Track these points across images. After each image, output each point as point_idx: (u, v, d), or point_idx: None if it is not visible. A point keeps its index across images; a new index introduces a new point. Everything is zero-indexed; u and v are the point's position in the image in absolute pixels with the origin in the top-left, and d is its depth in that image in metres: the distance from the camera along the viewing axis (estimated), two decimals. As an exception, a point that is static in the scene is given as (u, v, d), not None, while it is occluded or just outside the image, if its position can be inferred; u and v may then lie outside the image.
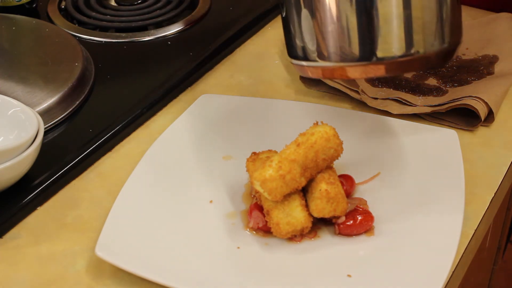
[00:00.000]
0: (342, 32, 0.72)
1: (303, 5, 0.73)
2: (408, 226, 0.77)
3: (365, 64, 0.72)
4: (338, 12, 0.71)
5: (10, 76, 0.94)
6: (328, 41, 0.73)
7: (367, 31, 0.71)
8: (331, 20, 0.72)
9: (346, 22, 0.71)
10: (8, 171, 0.78)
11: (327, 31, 0.72)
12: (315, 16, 0.72)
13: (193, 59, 1.03)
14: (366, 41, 0.71)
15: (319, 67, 0.75)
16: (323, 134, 0.78)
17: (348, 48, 0.72)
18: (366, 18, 0.71)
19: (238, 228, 0.79)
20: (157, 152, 0.86)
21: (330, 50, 0.73)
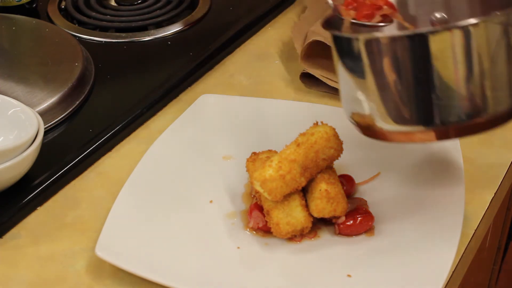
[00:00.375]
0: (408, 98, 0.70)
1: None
2: (408, 226, 0.77)
3: (433, 129, 0.70)
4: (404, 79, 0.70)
5: (10, 76, 0.94)
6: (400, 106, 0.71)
7: (433, 97, 0.69)
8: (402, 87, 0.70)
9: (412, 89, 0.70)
10: (8, 171, 0.78)
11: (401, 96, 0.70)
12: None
13: (193, 59, 1.03)
14: (430, 107, 0.69)
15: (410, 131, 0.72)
16: (323, 134, 0.78)
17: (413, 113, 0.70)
18: (429, 85, 0.69)
19: (238, 228, 0.79)
20: (157, 152, 0.86)
21: (408, 114, 0.71)
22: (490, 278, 1.32)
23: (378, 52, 0.69)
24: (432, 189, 0.81)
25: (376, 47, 0.69)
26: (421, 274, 0.72)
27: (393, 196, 0.81)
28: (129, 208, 0.79)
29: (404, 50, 0.68)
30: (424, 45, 0.67)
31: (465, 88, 0.69)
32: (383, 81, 0.70)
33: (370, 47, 0.69)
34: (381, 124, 0.72)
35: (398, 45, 0.68)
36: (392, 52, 0.68)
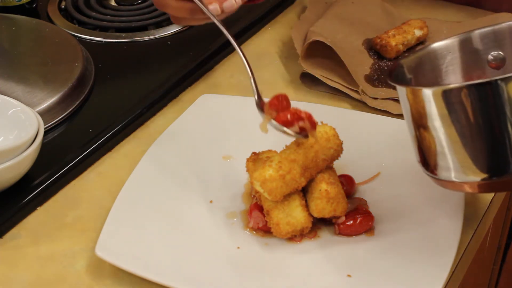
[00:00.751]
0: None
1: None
2: (408, 226, 0.77)
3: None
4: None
5: (10, 76, 0.94)
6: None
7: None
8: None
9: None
10: (8, 171, 0.78)
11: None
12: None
13: (193, 59, 1.03)
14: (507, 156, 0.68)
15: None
16: (323, 134, 0.78)
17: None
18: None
19: (238, 228, 0.79)
20: (157, 152, 0.86)
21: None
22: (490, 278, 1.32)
23: (454, 103, 0.67)
24: (432, 189, 0.81)
25: (450, 98, 0.68)
26: (421, 274, 0.72)
27: (393, 196, 0.81)
28: (129, 208, 0.79)
29: (478, 99, 0.66)
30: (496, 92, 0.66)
31: None
32: (460, 132, 0.68)
33: (446, 98, 0.68)
34: (456, 175, 0.70)
35: (471, 95, 0.66)
36: (468, 101, 0.67)
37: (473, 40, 0.80)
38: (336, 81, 0.98)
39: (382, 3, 1.13)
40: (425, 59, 0.80)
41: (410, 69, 0.78)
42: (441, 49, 0.80)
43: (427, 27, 1.06)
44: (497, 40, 0.79)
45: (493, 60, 0.80)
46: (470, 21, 1.10)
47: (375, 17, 1.11)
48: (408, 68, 0.78)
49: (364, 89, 0.97)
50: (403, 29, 1.05)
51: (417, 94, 0.70)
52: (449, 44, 0.80)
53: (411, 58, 0.79)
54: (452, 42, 0.80)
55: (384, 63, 1.03)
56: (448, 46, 0.80)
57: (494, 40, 0.80)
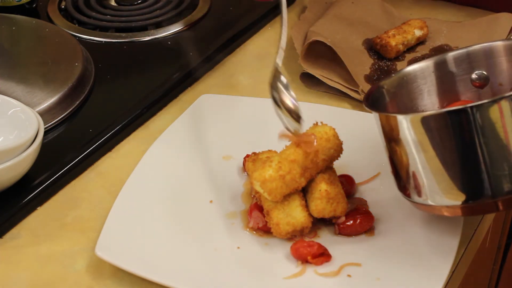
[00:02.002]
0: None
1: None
2: (408, 227, 0.77)
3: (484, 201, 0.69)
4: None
5: (10, 76, 0.94)
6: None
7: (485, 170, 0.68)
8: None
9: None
10: (8, 171, 0.78)
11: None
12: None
13: (193, 59, 1.03)
14: (482, 179, 0.68)
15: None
16: (323, 134, 0.78)
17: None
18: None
19: (238, 228, 0.79)
20: (157, 152, 0.86)
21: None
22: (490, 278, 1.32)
23: (437, 128, 0.68)
24: (432, 189, 0.81)
25: (424, 125, 0.68)
26: (421, 274, 0.72)
27: (393, 196, 0.81)
28: (129, 208, 0.79)
29: (457, 124, 0.67)
30: (473, 117, 0.66)
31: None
32: (434, 157, 0.69)
33: (420, 125, 0.68)
34: (433, 199, 0.71)
35: (445, 121, 0.67)
36: (453, 126, 0.67)
37: (448, 62, 0.82)
38: (336, 81, 0.98)
39: (382, 3, 1.13)
40: (403, 82, 0.81)
41: (388, 92, 0.80)
42: (419, 71, 0.82)
43: (427, 27, 1.06)
44: (471, 62, 0.81)
45: (477, 79, 0.81)
46: (470, 21, 1.10)
47: (375, 17, 1.11)
48: (387, 91, 0.80)
49: (364, 89, 0.97)
50: (403, 29, 1.05)
51: (391, 120, 0.71)
52: (424, 66, 0.82)
53: (389, 80, 0.81)
54: (428, 64, 0.82)
55: (384, 63, 1.03)
56: (424, 69, 0.82)
57: (468, 62, 0.81)
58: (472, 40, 1.06)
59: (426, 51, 1.05)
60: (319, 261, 0.74)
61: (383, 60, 1.03)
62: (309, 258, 0.74)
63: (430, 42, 1.07)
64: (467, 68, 0.81)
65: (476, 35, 1.07)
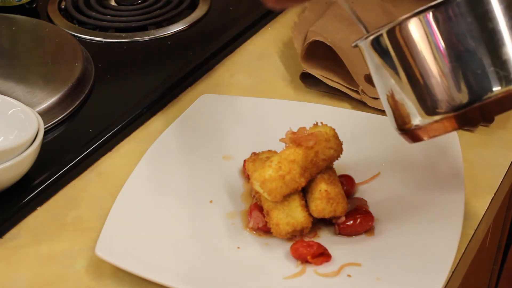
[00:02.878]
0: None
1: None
2: (408, 226, 0.77)
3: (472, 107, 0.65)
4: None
5: (10, 76, 0.94)
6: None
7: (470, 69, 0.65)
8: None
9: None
10: (8, 171, 0.78)
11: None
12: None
13: (193, 59, 1.03)
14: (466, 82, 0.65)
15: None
16: (323, 134, 0.78)
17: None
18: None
19: (238, 228, 0.79)
20: (157, 152, 0.86)
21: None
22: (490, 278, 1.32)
23: (404, 39, 0.66)
24: (432, 189, 0.81)
25: (400, 35, 0.66)
26: (421, 274, 0.72)
27: (393, 196, 0.81)
28: (129, 208, 0.79)
29: (430, 26, 0.64)
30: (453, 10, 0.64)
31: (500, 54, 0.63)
32: (414, 69, 0.66)
33: (395, 37, 0.66)
34: (419, 120, 0.68)
35: (422, 22, 0.65)
36: (418, 32, 0.65)
37: None
38: (336, 81, 0.98)
39: (382, 3, 1.13)
40: None
41: None
42: None
43: (427, 27, 1.06)
44: None
45: None
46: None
47: (375, 17, 1.10)
48: None
49: (364, 89, 0.97)
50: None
51: (362, 48, 0.70)
52: None
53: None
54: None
55: (384, 63, 1.03)
56: None
57: None
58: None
59: (426, 51, 1.05)
60: (319, 261, 0.74)
61: (383, 60, 1.03)
62: (308, 258, 0.74)
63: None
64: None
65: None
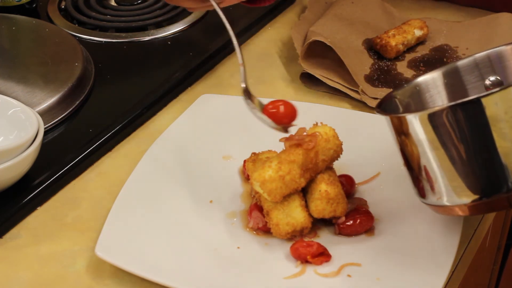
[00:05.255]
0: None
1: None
2: (408, 226, 0.77)
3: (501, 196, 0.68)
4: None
5: (10, 76, 0.94)
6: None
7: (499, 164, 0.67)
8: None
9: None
10: (8, 171, 0.78)
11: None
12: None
13: (193, 59, 1.03)
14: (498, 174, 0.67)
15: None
16: (323, 135, 0.78)
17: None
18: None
19: (238, 228, 0.79)
20: (157, 152, 0.86)
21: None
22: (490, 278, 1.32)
23: (446, 124, 0.68)
24: (432, 189, 0.81)
25: (434, 121, 0.68)
26: (421, 274, 0.72)
27: (393, 196, 0.81)
28: (129, 208, 0.79)
29: (461, 119, 0.66)
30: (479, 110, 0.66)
31: None
32: (449, 154, 0.69)
33: (430, 122, 0.68)
34: (446, 199, 0.71)
35: (455, 115, 0.67)
36: (461, 120, 0.67)
37: (458, 70, 0.81)
38: (336, 81, 0.98)
39: (382, 3, 1.13)
40: (415, 91, 0.81)
41: (401, 102, 0.79)
42: (430, 80, 0.81)
43: (427, 27, 1.06)
44: (481, 69, 0.80)
45: (491, 85, 0.80)
46: (470, 21, 1.10)
47: (375, 17, 1.11)
48: (400, 101, 0.79)
49: (364, 89, 0.97)
50: (403, 29, 1.05)
51: (401, 121, 0.70)
52: (436, 76, 0.81)
53: (401, 90, 0.80)
54: (438, 74, 0.81)
55: (384, 63, 1.03)
56: (435, 78, 0.81)
57: (478, 69, 0.80)
58: (472, 40, 1.06)
59: (426, 51, 1.05)
60: (318, 260, 0.74)
61: (383, 60, 1.03)
62: (308, 257, 0.74)
63: (430, 42, 1.07)
64: (478, 75, 0.81)
65: (476, 35, 1.07)
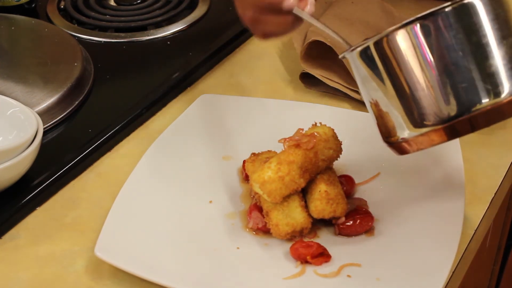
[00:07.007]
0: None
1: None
2: (408, 226, 0.77)
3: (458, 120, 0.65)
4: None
5: (9, 76, 0.94)
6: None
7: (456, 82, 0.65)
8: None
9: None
10: (7, 171, 0.78)
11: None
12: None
13: (193, 59, 1.03)
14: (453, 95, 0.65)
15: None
16: (322, 135, 0.78)
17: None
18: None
19: (237, 228, 0.79)
20: (156, 152, 0.86)
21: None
22: (490, 278, 1.32)
23: (391, 51, 0.67)
24: (432, 189, 0.81)
25: (387, 46, 0.67)
26: (421, 274, 0.72)
27: (393, 196, 0.81)
28: (129, 208, 0.79)
29: (417, 38, 0.65)
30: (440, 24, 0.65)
31: (488, 66, 0.64)
32: (402, 81, 0.67)
33: (382, 49, 0.67)
34: (406, 133, 0.69)
35: (409, 34, 0.66)
36: (404, 44, 0.65)
37: None
38: (336, 81, 0.98)
39: (382, 3, 1.13)
40: None
41: None
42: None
43: (427, 27, 1.06)
44: None
45: None
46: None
47: (375, 17, 1.10)
48: None
49: (364, 89, 0.96)
50: (403, 29, 1.05)
51: (362, 53, 0.69)
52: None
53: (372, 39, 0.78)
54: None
55: (384, 63, 1.03)
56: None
57: None
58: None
59: (426, 51, 1.05)
60: (318, 261, 0.74)
61: (383, 60, 1.03)
62: (308, 258, 0.74)
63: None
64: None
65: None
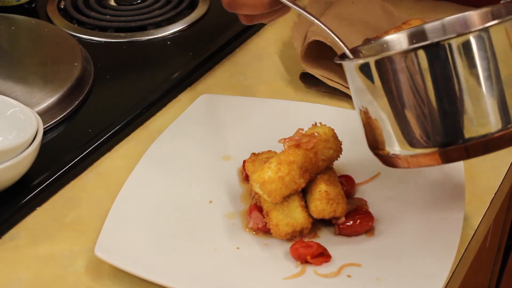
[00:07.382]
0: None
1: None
2: (408, 227, 0.77)
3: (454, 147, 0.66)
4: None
5: (9, 76, 0.94)
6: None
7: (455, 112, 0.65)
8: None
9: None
10: (7, 171, 0.78)
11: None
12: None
13: (193, 59, 1.03)
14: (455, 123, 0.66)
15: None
16: (322, 135, 0.78)
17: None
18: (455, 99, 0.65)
19: (238, 228, 0.79)
20: (156, 152, 0.86)
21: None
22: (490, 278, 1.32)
23: (392, 72, 0.66)
24: (432, 189, 0.81)
25: (388, 67, 0.66)
26: (421, 274, 0.72)
27: (393, 196, 0.81)
28: (129, 208, 0.79)
29: (420, 64, 0.65)
30: (443, 54, 0.64)
31: (490, 97, 0.65)
32: (400, 101, 0.67)
33: (382, 68, 0.67)
34: (398, 150, 0.69)
35: (412, 59, 0.65)
36: (407, 68, 0.65)
37: (425, 32, 0.80)
38: (336, 81, 0.98)
39: (382, 3, 1.13)
40: (383, 49, 0.79)
41: (366, 56, 0.77)
42: (396, 40, 0.80)
43: (427, 27, 1.06)
44: (446, 31, 0.79)
45: None
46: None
47: (375, 17, 1.11)
48: (364, 56, 0.77)
49: (364, 89, 0.96)
50: (403, 29, 1.05)
51: (361, 67, 0.68)
52: (401, 36, 0.80)
53: (368, 46, 0.78)
54: (405, 34, 0.80)
55: (384, 63, 1.03)
56: (400, 38, 0.80)
57: (443, 32, 0.79)
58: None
59: (426, 51, 1.05)
60: (318, 261, 0.74)
61: (383, 60, 1.03)
62: (308, 258, 0.74)
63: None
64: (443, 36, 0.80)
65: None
